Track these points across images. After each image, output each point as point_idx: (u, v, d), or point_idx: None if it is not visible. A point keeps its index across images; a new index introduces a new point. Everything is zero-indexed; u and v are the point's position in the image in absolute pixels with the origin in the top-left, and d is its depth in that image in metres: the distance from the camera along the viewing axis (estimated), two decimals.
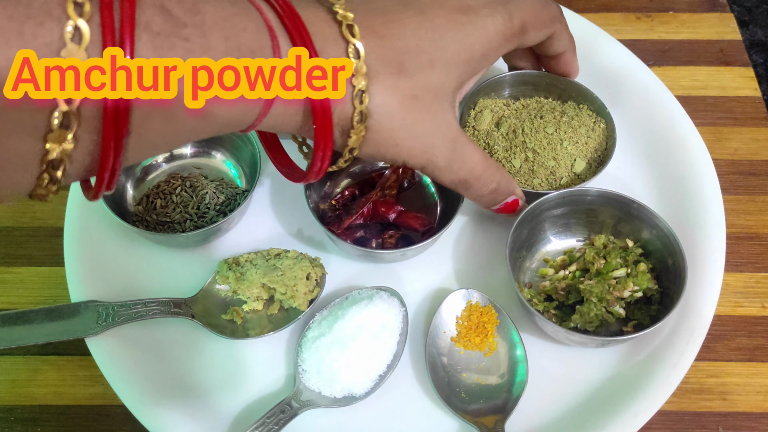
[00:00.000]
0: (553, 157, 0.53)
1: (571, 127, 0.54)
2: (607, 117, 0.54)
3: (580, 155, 0.53)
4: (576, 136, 0.54)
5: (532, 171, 0.53)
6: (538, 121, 0.54)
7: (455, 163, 0.41)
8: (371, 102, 0.36)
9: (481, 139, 0.55)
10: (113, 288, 0.53)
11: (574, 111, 0.55)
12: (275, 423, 0.46)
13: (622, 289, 0.50)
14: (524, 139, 0.53)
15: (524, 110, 0.56)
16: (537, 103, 0.56)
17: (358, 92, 0.35)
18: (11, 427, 0.51)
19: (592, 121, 0.55)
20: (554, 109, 0.55)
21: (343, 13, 0.35)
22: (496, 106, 0.56)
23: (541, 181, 0.53)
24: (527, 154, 0.53)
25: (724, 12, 0.73)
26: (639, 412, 0.47)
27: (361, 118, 0.36)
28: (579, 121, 0.54)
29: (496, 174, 0.45)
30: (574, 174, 0.53)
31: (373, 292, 0.52)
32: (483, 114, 0.56)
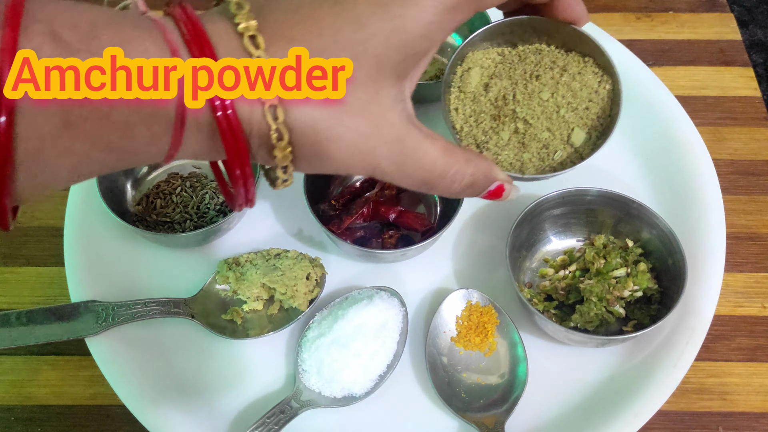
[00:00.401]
0: (548, 128, 0.46)
1: (571, 90, 0.46)
2: (614, 76, 0.46)
3: (579, 123, 0.46)
4: (576, 101, 0.46)
5: (522, 144, 0.46)
6: (532, 84, 0.46)
7: (407, 165, 0.37)
8: (288, 116, 0.32)
9: (467, 105, 0.47)
10: (113, 288, 0.53)
11: (578, 66, 0.47)
12: (275, 423, 0.46)
13: (622, 289, 0.50)
14: (515, 107, 0.46)
15: (520, 65, 0.48)
16: (537, 52, 0.48)
17: (270, 108, 0.32)
18: (11, 427, 0.51)
19: (596, 81, 0.47)
20: (555, 63, 0.47)
21: (244, 24, 0.32)
22: (488, 59, 0.48)
23: (531, 155, 0.46)
24: (517, 125, 0.46)
25: (724, 12, 0.73)
26: (639, 412, 0.47)
27: (281, 135, 0.32)
28: (581, 81, 0.47)
29: (466, 167, 0.39)
30: (570, 147, 0.46)
31: (373, 292, 0.52)
32: (471, 72, 0.48)
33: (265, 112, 0.32)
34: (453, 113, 0.47)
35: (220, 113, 0.31)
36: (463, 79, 0.48)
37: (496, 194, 0.43)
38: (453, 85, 0.48)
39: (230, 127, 0.31)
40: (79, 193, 0.56)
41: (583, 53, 0.47)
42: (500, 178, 0.42)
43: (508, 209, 0.57)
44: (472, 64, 0.48)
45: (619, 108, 0.46)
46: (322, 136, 0.33)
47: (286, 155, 0.33)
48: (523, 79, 0.47)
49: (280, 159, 0.33)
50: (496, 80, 0.47)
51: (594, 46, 0.46)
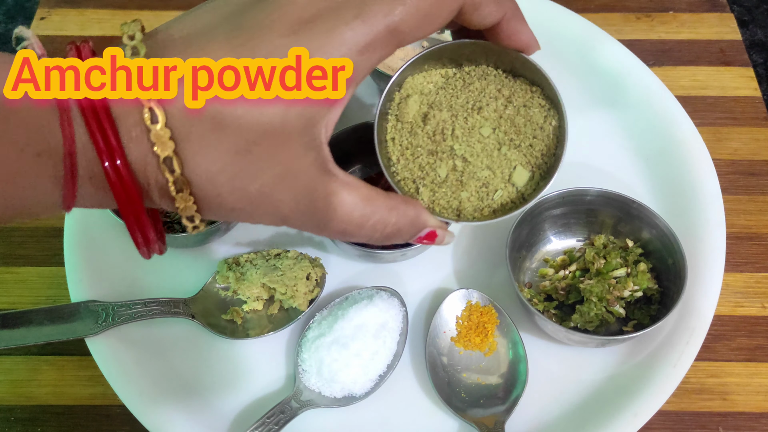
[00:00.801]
0: (488, 166, 0.43)
1: (515, 125, 0.43)
2: (560, 111, 0.43)
3: (521, 161, 0.43)
4: (519, 137, 0.43)
5: (460, 182, 0.43)
6: (473, 117, 0.43)
7: (319, 217, 0.34)
8: (186, 168, 0.31)
9: (404, 136, 0.44)
10: (113, 288, 0.53)
11: (524, 97, 0.44)
12: (275, 423, 0.46)
13: (622, 289, 0.50)
14: (453, 143, 0.43)
15: (463, 92, 0.44)
16: (482, 77, 0.44)
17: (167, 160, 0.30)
18: (11, 427, 0.51)
19: (542, 116, 0.43)
20: (500, 92, 0.44)
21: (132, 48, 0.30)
22: (430, 83, 0.45)
23: (470, 194, 0.43)
24: (456, 163, 0.43)
25: (724, 12, 0.73)
26: (639, 412, 0.47)
27: (180, 188, 0.31)
28: (526, 115, 0.43)
29: (389, 215, 0.36)
30: (512, 186, 0.43)
31: (373, 292, 0.52)
32: (409, 101, 0.44)
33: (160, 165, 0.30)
34: (390, 143, 0.44)
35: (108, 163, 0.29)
36: (401, 108, 0.44)
37: (427, 239, 0.40)
38: (390, 113, 0.44)
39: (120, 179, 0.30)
40: None
41: (532, 81, 0.44)
42: (431, 224, 0.39)
43: None
44: (412, 90, 0.44)
45: (563, 147, 0.43)
46: (222, 189, 0.32)
47: (189, 206, 0.32)
48: (465, 110, 0.43)
49: (183, 210, 0.32)
50: (436, 111, 0.44)
51: (541, 76, 0.43)
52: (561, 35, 0.66)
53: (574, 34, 0.66)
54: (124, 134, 0.29)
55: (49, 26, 0.72)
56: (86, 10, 0.72)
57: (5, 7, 0.75)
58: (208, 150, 0.31)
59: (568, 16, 0.67)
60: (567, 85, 0.64)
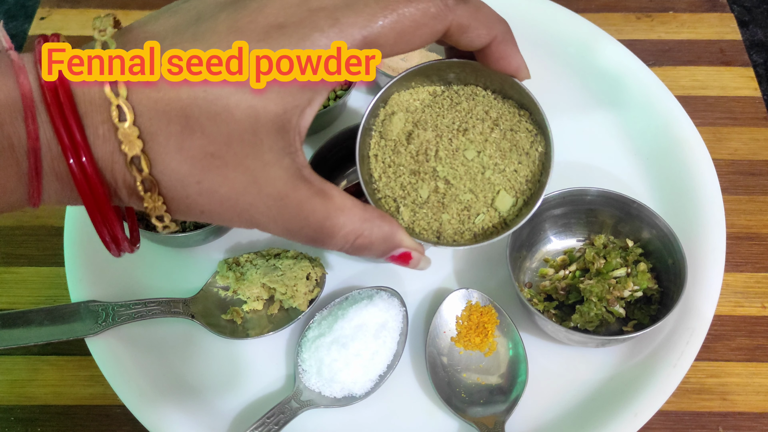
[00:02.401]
0: (471, 189, 0.42)
1: (500, 149, 0.42)
2: (547, 138, 0.42)
3: (505, 186, 0.42)
4: (504, 162, 0.42)
5: (442, 204, 0.42)
6: (458, 139, 0.42)
7: (290, 223, 0.34)
8: (154, 168, 0.30)
9: (387, 154, 0.43)
10: (113, 288, 0.53)
11: (511, 121, 0.43)
12: (275, 423, 0.46)
13: (622, 289, 0.50)
14: (436, 165, 0.42)
15: (449, 112, 0.43)
16: (471, 97, 0.44)
17: (134, 159, 0.30)
18: (11, 427, 0.51)
19: (528, 142, 0.43)
20: (487, 114, 0.43)
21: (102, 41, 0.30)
22: (416, 100, 0.44)
23: (451, 216, 0.42)
24: (438, 184, 0.42)
25: (724, 12, 0.73)
26: (639, 412, 0.47)
27: (148, 187, 0.31)
28: (512, 140, 0.43)
29: (361, 226, 0.35)
30: (494, 211, 0.42)
31: (373, 292, 0.52)
32: (394, 118, 0.43)
33: (127, 164, 0.30)
34: (372, 159, 0.43)
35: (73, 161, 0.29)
36: (385, 125, 0.44)
37: (401, 260, 0.39)
38: (374, 130, 0.44)
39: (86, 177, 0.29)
40: None
41: (520, 104, 0.43)
42: (405, 244, 0.38)
43: None
44: (397, 107, 0.44)
45: (548, 175, 0.42)
46: (191, 190, 0.31)
47: (159, 206, 0.32)
48: (450, 131, 0.43)
49: (152, 209, 0.32)
50: (420, 131, 0.43)
51: (530, 100, 0.42)
52: (561, 35, 0.66)
53: (574, 34, 0.66)
54: (91, 131, 0.29)
55: (49, 26, 0.72)
56: (87, 10, 0.72)
57: (6, 7, 0.75)
58: (177, 150, 0.30)
59: (568, 16, 0.67)
60: (567, 85, 0.64)
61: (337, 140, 0.56)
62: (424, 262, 0.40)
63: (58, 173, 0.30)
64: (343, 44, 0.31)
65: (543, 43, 0.65)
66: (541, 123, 0.43)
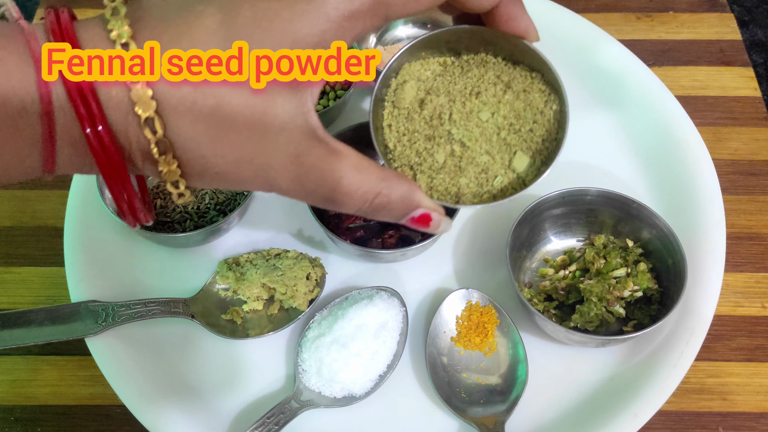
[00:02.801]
0: (487, 151, 0.42)
1: (514, 110, 0.42)
2: (561, 96, 0.42)
3: (522, 147, 0.42)
4: (519, 122, 0.42)
5: (459, 168, 0.42)
6: (472, 102, 0.42)
7: (307, 183, 0.34)
8: (169, 130, 0.30)
9: (400, 122, 0.43)
10: (113, 288, 0.53)
11: (523, 83, 0.43)
12: (275, 423, 0.46)
13: (622, 289, 0.50)
14: (450, 128, 0.42)
15: (461, 78, 0.43)
16: (481, 64, 0.44)
17: (148, 120, 0.30)
18: (11, 427, 0.51)
19: (542, 101, 0.43)
20: (499, 78, 0.43)
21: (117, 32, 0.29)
22: (427, 70, 0.44)
23: (469, 180, 0.42)
24: (453, 148, 0.42)
25: (724, 12, 0.73)
26: (639, 412, 0.47)
27: (163, 149, 0.30)
28: (526, 100, 0.42)
29: (378, 186, 0.35)
30: (512, 172, 0.42)
31: (373, 292, 0.52)
32: (406, 86, 0.43)
33: (141, 126, 0.30)
34: (386, 130, 0.43)
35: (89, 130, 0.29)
36: (397, 94, 0.43)
37: (421, 222, 0.38)
38: (387, 100, 0.44)
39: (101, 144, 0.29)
40: (79, 193, 0.56)
41: (531, 67, 0.43)
42: (424, 204, 0.38)
43: (508, 209, 0.57)
44: (408, 77, 0.44)
45: (565, 131, 0.42)
46: (206, 150, 0.31)
47: (173, 170, 0.31)
48: (462, 95, 0.43)
49: (166, 174, 0.32)
50: (433, 96, 0.43)
51: (541, 61, 0.42)
52: (561, 35, 0.66)
53: (574, 34, 0.66)
54: (104, 94, 0.29)
55: None
56: (87, 10, 0.72)
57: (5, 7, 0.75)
58: (191, 110, 0.30)
59: (568, 16, 0.67)
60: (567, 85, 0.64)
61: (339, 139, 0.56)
62: (445, 224, 0.39)
63: (71, 138, 0.29)
64: (343, 44, 0.31)
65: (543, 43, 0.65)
66: (553, 82, 0.42)
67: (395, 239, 0.55)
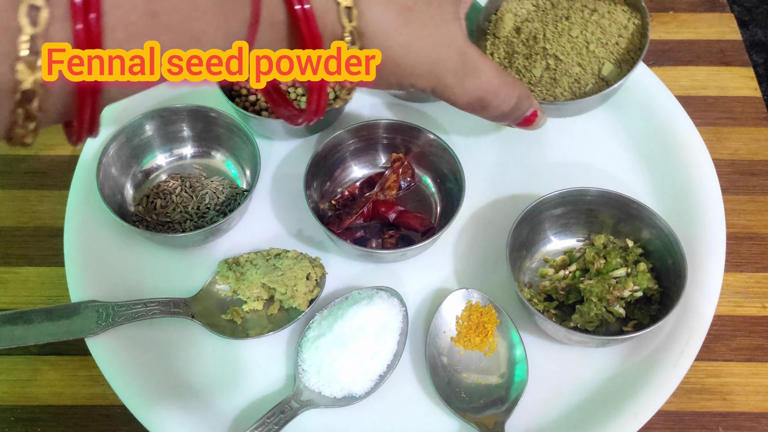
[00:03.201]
0: (578, 63, 0.49)
1: (600, 26, 0.49)
2: (642, 11, 0.49)
3: (609, 58, 0.49)
4: (605, 36, 0.49)
5: (554, 80, 0.49)
6: (562, 24, 0.49)
7: (467, 78, 0.38)
8: (361, 19, 0.33)
9: (500, 48, 0.51)
10: (113, 288, 0.53)
11: (608, 6, 0.50)
12: (275, 423, 0.46)
13: (622, 289, 0.50)
14: (545, 45, 0.49)
15: (551, 11, 0.51)
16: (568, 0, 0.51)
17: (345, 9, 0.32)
18: (11, 427, 0.51)
19: (626, 18, 0.49)
20: (585, 6, 0.50)
21: None
22: (522, 8, 0.52)
23: (563, 90, 0.49)
24: (548, 62, 0.49)
25: (724, 12, 0.73)
26: (639, 412, 0.47)
27: (353, 39, 0.33)
28: (611, 18, 0.49)
29: (514, 89, 0.41)
30: (601, 79, 0.49)
31: (373, 292, 0.52)
32: (504, 19, 0.52)
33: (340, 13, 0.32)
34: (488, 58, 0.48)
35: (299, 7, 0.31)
36: (497, 26, 0.52)
37: (529, 120, 0.45)
38: (489, 33, 0.52)
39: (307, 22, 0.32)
40: (79, 193, 0.56)
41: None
42: (535, 104, 0.44)
43: (508, 209, 0.57)
44: (505, 12, 0.52)
45: (647, 38, 0.49)
46: (393, 41, 0.34)
47: None
48: (554, 20, 0.50)
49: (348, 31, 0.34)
50: (528, 23, 0.50)
51: None
52: None
53: None
54: None
55: None
56: None
57: None
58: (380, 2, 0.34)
59: None
60: None
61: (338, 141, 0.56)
62: (543, 119, 0.46)
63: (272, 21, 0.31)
64: (343, 44, 0.33)
65: None
66: (636, 2, 0.50)
67: (395, 239, 0.55)
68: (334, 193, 0.58)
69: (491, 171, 0.60)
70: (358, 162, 0.59)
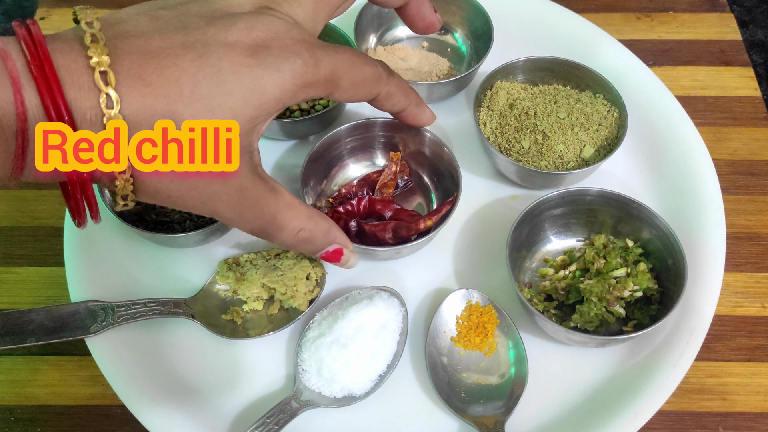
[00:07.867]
0: (563, 142, 0.54)
1: (584, 113, 0.55)
2: (621, 107, 0.56)
3: (590, 142, 0.55)
4: (588, 122, 0.55)
5: (540, 153, 0.54)
6: (551, 106, 0.56)
7: (246, 214, 0.39)
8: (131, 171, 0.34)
9: (494, 119, 0.57)
10: (113, 288, 0.53)
11: (590, 99, 0.57)
12: (275, 423, 0.46)
13: (622, 289, 0.50)
14: (536, 121, 0.55)
15: (540, 95, 0.57)
16: (554, 90, 0.58)
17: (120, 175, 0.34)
18: (11, 427, 0.51)
19: (606, 110, 0.57)
20: (570, 96, 0.57)
21: (97, 59, 0.32)
22: (513, 89, 0.58)
23: (548, 163, 0.54)
24: (537, 137, 0.55)
25: (724, 12, 0.73)
26: (639, 412, 0.47)
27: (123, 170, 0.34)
28: (593, 108, 0.56)
29: (306, 223, 0.41)
30: (581, 159, 0.55)
31: (373, 292, 0.52)
32: (498, 94, 0.58)
33: None
34: (482, 126, 0.57)
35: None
36: (492, 100, 0.58)
37: (333, 257, 0.45)
38: (483, 105, 0.58)
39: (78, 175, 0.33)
40: None
41: (594, 91, 0.58)
42: (339, 241, 0.44)
43: (508, 209, 0.57)
44: (500, 89, 0.58)
45: (625, 131, 0.55)
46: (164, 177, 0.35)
47: (126, 187, 0.35)
48: (543, 102, 0.57)
49: (120, 188, 0.35)
50: (520, 101, 0.57)
51: (604, 83, 0.57)
52: (561, 35, 0.66)
53: (574, 34, 0.66)
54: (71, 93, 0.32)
55: (48, 26, 0.72)
56: None
57: (4, 7, 0.75)
58: None
59: (568, 16, 0.67)
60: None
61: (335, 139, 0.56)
62: (353, 260, 0.47)
63: None
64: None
65: (543, 43, 0.65)
66: (614, 99, 0.57)
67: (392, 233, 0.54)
68: (331, 191, 0.58)
69: (491, 171, 0.60)
70: (355, 160, 0.59)
